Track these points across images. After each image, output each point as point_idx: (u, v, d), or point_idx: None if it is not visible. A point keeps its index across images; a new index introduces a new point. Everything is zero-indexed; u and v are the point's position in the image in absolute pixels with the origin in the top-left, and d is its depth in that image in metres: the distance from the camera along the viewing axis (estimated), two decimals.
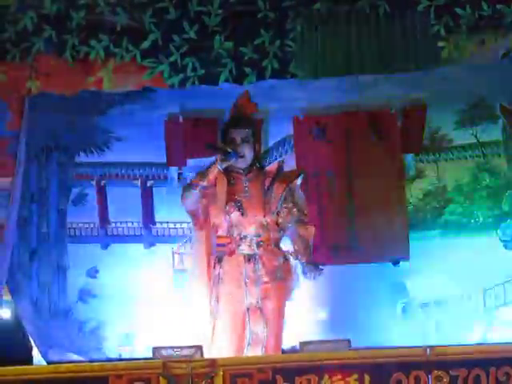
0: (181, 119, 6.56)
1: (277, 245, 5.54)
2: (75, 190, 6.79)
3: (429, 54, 6.39)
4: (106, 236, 6.79)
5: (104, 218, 6.81)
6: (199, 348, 4.72)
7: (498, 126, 6.69)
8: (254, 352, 5.29)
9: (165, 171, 6.82)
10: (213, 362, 4.55)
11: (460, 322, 6.51)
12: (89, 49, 6.24)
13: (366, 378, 4.51)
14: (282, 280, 5.47)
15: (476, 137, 6.72)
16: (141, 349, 6.11)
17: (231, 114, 5.72)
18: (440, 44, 6.38)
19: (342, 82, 6.55)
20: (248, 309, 5.38)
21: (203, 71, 6.32)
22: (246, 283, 5.39)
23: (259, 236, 5.45)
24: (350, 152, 6.67)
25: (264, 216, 5.46)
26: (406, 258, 6.55)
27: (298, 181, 5.67)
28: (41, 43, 6.15)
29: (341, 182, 6.67)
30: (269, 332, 5.40)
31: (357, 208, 6.63)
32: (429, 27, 6.37)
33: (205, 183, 5.40)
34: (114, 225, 6.81)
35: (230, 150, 5.42)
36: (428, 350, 4.54)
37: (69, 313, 6.62)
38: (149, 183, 6.83)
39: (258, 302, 5.40)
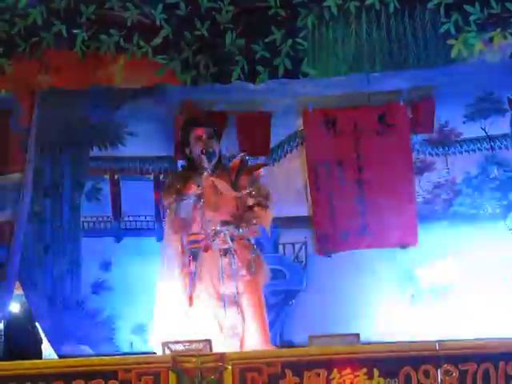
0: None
1: (248, 239, 5.51)
2: (89, 185, 6.73)
3: (438, 52, 6.33)
4: (120, 229, 6.73)
5: (117, 212, 6.75)
6: (208, 342, 4.61)
7: (506, 120, 6.61)
8: (230, 346, 5.19)
9: (177, 165, 6.71)
10: (222, 357, 4.49)
11: (466, 307, 6.44)
12: (99, 44, 6.13)
13: (375, 372, 4.44)
14: (256, 273, 5.44)
15: (484, 130, 6.65)
16: (152, 342, 6.00)
17: (185, 118, 5.63)
18: (449, 42, 6.32)
19: (351, 77, 6.52)
20: (225, 303, 5.28)
21: (216, 69, 6.23)
22: (222, 277, 5.31)
23: (232, 230, 5.40)
24: (360, 143, 6.61)
25: (236, 209, 5.40)
26: (415, 243, 6.51)
27: (262, 171, 5.68)
28: (50, 38, 6.05)
29: (350, 171, 6.61)
30: (252, 326, 5.33)
31: (366, 196, 6.58)
32: (438, 25, 6.30)
33: (200, 190, 5.34)
34: (127, 218, 6.75)
35: (210, 149, 5.43)
36: (437, 344, 4.46)
37: (82, 305, 6.56)
38: (162, 177, 6.72)
39: (234, 296, 5.31)
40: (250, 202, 5.51)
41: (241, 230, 5.44)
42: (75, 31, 6.09)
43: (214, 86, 6.17)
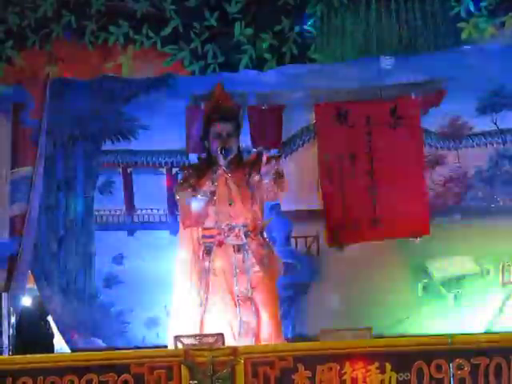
0: (202, 106, 6.40)
1: (262, 234, 5.47)
2: (101, 178, 6.71)
3: (448, 36, 6.25)
4: (132, 223, 6.70)
5: (130, 205, 6.73)
6: (221, 336, 4.56)
7: None
8: (244, 342, 5.16)
9: (190, 159, 6.68)
10: (234, 351, 4.46)
11: (478, 297, 6.41)
12: (108, 35, 6.07)
13: (388, 366, 4.41)
14: (269, 268, 5.39)
15: (496, 124, 6.59)
16: (165, 335, 5.97)
17: (209, 108, 5.57)
18: (460, 25, 6.24)
19: (363, 68, 6.46)
20: (238, 299, 5.23)
21: (224, 58, 6.17)
22: (236, 273, 5.27)
23: (247, 226, 5.38)
24: (372, 136, 6.57)
25: (251, 206, 5.35)
26: (427, 232, 6.46)
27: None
28: (59, 29, 5.99)
29: (362, 164, 6.57)
30: (264, 321, 5.28)
31: (378, 187, 6.54)
32: (449, 8, 6.22)
33: (214, 187, 5.29)
34: (139, 212, 6.72)
35: (227, 147, 5.39)
36: (449, 338, 4.37)
37: (95, 298, 6.54)
38: (174, 171, 6.69)
39: (248, 291, 5.26)
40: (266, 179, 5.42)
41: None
42: (84, 22, 6.02)
43: (226, 79, 6.11)
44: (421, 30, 6.35)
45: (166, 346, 5.21)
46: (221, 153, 5.40)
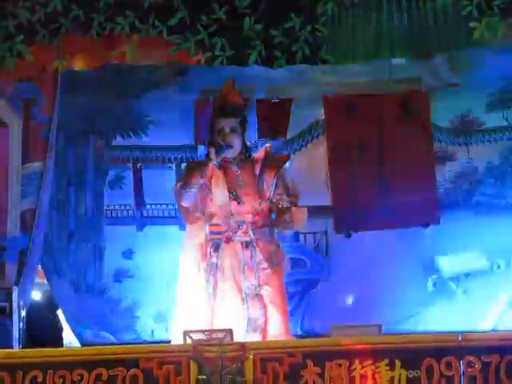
0: (211, 99, 6.38)
1: (270, 231, 5.42)
2: (112, 173, 6.70)
3: (460, 35, 6.20)
4: (142, 218, 6.70)
5: (140, 201, 6.72)
6: (230, 332, 4.53)
7: None
8: (252, 338, 5.10)
9: (199, 154, 6.66)
10: (243, 346, 4.42)
11: (488, 292, 6.40)
12: (114, 25, 6.02)
13: (397, 363, 4.35)
14: (277, 265, 5.34)
15: (507, 120, 6.58)
16: (174, 330, 5.95)
17: (217, 103, 5.53)
18: (472, 25, 6.19)
19: (373, 63, 6.43)
20: (246, 295, 5.20)
21: (232, 52, 6.12)
22: (243, 269, 5.24)
23: (255, 223, 5.32)
24: (381, 129, 6.56)
25: (259, 203, 5.31)
26: (436, 221, 6.46)
27: (287, 164, 5.61)
28: (68, 23, 5.96)
29: (372, 157, 6.56)
30: (272, 318, 5.24)
31: (387, 179, 6.52)
32: (461, 8, 6.16)
33: (202, 180, 5.25)
34: (149, 207, 6.72)
35: (222, 143, 5.31)
36: (460, 335, 4.36)
37: (104, 292, 6.53)
38: (183, 166, 6.62)
39: (255, 288, 5.23)
40: (283, 203, 5.41)
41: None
42: (92, 15, 5.98)
43: (235, 73, 6.08)
44: (432, 29, 6.30)
45: (168, 341, 5.18)
46: (214, 147, 5.33)
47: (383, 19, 6.34)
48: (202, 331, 4.56)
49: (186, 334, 4.54)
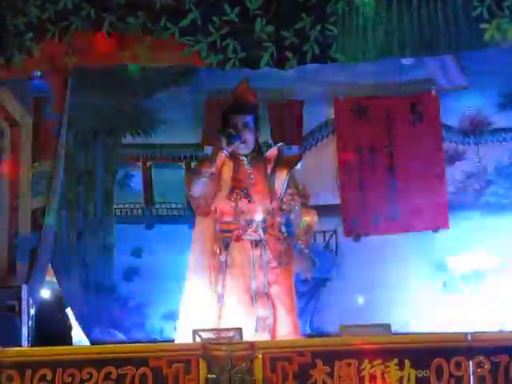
0: (221, 100, 6.36)
1: (280, 230, 5.37)
2: (121, 172, 6.73)
3: (471, 36, 6.17)
4: (151, 216, 6.73)
5: (149, 199, 6.75)
6: (239, 331, 4.51)
7: None
8: (261, 338, 5.06)
9: (209, 153, 6.66)
10: (252, 345, 4.37)
11: (497, 292, 6.42)
12: (126, 25, 6.01)
13: (407, 363, 4.30)
14: (287, 264, 5.29)
15: None
16: (179, 329, 5.95)
17: (231, 101, 5.51)
18: (482, 26, 6.16)
19: (383, 65, 6.37)
20: (255, 294, 5.18)
21: (244, 54, 6.10)
22: (253, 268, 5.21)
23: (265, 222, 5.27)
24: (391, 131, 6.58)
25: (270, 202, 5.28)
26: (446, 226, 6.48)
27: (298, 165, 5.52)
28: (79, 21, 5.95)
29: (382, 158, 6.59)
30: (281, 317, 5.20)
31: (397, 181, 6.56)
32: (471, 9, 6.13)
33: (213, 169, 5.21)
34: (158, 206, 6.75)
35: (234, 133, 5.23)
36: (469, 335, 4.32)
37: (113, 291, 6.57)
38: (193, 165, 6.67)
39: (265, 287, 5.20)
40: (294, 205, 5.38)
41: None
42: (103, 14, 5.97)
43: (246, 74, 6.08)
44: (443, 31, 6.28)
45: (172, 340, 5.17)
46: (226, 138, 5.27)
47: (394, 18, 6.32)
48: (211, 330, 4.55)
49: (195, 332, 4.53)
